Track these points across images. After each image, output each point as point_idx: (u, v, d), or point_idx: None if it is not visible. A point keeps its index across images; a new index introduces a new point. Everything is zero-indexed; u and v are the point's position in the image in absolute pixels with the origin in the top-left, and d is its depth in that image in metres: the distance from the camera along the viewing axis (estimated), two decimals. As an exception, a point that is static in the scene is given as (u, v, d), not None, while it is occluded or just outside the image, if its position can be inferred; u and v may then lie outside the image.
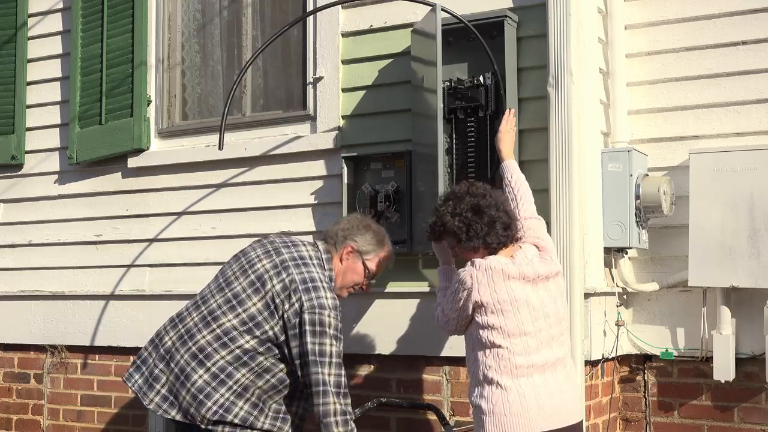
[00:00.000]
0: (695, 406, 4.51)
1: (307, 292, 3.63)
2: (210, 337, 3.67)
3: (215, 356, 3.65)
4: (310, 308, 3.60)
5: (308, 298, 3.62)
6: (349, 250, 3.85)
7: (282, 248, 3.78)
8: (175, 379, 3.68)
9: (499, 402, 3.31)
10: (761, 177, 4.26)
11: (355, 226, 3.88)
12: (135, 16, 5.48)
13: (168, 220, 5.36)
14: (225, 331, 3.67)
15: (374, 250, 3.90)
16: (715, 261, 4.31)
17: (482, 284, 3.34)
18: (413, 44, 4.51)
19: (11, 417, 5.90)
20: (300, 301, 3.61)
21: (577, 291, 4.10)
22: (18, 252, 5.92)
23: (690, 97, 4.57)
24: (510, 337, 3.33)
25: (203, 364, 3.65)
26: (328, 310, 3.62)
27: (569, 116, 4.18)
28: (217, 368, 3.64)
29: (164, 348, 3.76)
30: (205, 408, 3.61)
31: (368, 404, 4.08)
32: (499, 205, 3.47)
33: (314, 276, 3.69)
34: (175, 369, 3.69)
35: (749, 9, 4.46)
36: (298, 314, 3.61)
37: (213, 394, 3.63)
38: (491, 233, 3.41)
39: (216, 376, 3.63)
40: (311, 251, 3.80)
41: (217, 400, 3.63)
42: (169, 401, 3.68)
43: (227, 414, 3.63)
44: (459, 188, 3.54)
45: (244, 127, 5.21)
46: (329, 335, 3.60)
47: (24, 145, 5.91)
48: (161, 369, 3.73)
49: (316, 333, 3.59)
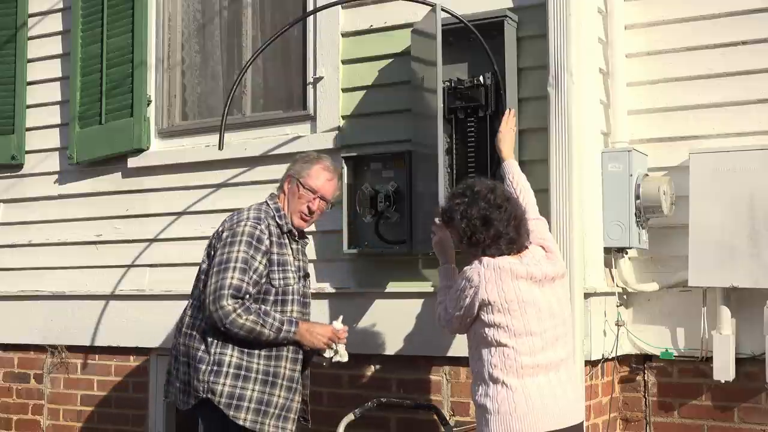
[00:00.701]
0: (695, 406, 4.50)
1: (229, 220, 3.84)
2: (191, 311, 3.86)
3: (196, 322, 3.80)
4: (228, 227, 3.79)
5: (229, 222, 3.83)
6: (288, 181, 3.96)
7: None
8: (186, 367, 3.80)
9: (505, 402, 3.30)
10: (761, 177, 4.26)
11: (293, 162, 4.02)
12: (135, 16, 5.48)
13: (168, 220, 5.37)
14: (195, 297, 3.85)
15: (305, 168, 3.95)
16: (715, 261, 4.31)
17: (490, 282, 3.33)
18: (413, 44, 4.51)
19: (11, 417, 5.90)
20: (222, 228, 3.82)
21: (577, 291, 4.10)
22: (18, 252, 5.92)
23: (690, 97, 4.56)
24: (516, 337, 3.33)
25: (191, 336, 3.80)
26: (244, 221, 3.78)
27: (569, 116, 4.18)
28: (199, 331, 3.77)
29: (174, 348, 3.93)
30: (201, 372, 3.70)
31: (368, 404, 4.07)
32: (511, 220, 3.40)
33: (242, 210, 3.89)
34: (182, 358, 3.83)
35: (749, 9, 4.46)
36: (219, 238, 3.79)
37: (204, 357, 3.72)
38: (493, 246, 3.39)
39: (201, 339, 3.75)
40: (252, 205, 3.96)
41: (208, 360, 3.71)
42: (186, 392, 3.80)
43: (221, 367, 3.70)
44: (479, 189, 3.45)
45: (244, 127, 5.21)
46: (238, 242, 3.72)
47: (24, 145, 5.91)
48: (174, 366, 3.89)
49: (226, 244, 3.74)
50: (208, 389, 3.68)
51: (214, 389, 3.68)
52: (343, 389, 4.58)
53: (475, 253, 3.43)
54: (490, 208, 3.39)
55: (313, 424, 4.41)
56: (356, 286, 4.73)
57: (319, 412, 4.33)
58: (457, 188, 3.56)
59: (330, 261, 4.78)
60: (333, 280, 4.76)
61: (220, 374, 3.69)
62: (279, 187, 4.00)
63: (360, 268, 4.72)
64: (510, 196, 3.52)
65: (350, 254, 4.68)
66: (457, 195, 3.49)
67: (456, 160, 4.41)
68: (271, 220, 3.84)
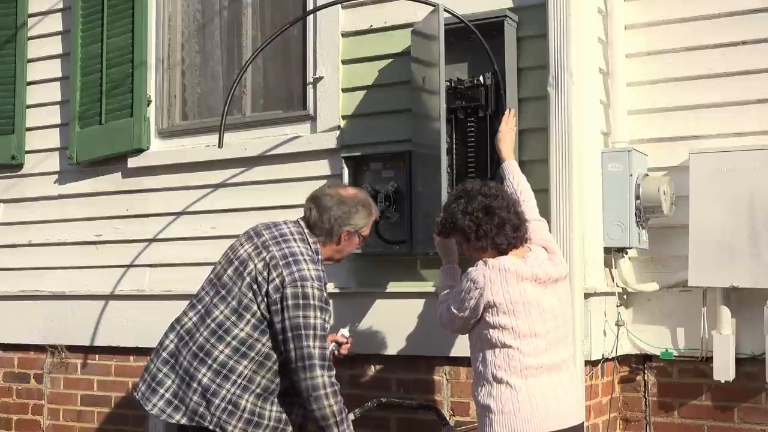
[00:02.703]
0: (695, 406, 4.50)
1: (287, 267, 3.59)
2: (206, 333, 3.64)
3: (214, 352, 3.61)
4: (291, 282, 3.56)
5: (289, 272, 3.58)
6: (346, 234, 3.80)
7: (263, 231, 3.76)
8: (180, 382, 3.65)
9: (509, 402, 3.30)
10: (761, 177, 4.26)
11: (344, 212, 3.77)
12: (135, 16, 5.48)
13: (168, 220, 5.37)
14: (219, 323, 3.63)
15: (367, 223, 3.86)
16: (715, 261, 4.31)
17: (495, 284, 3.33)
18: (413, 45, 4.51)
19: (11, 417, 5.90)
20: (281, 276, 3.58)
21: (577, 291, 4.10)
22: (18, 252, 5.92)
23: (690, 97, 4.56)
24: (521, 338, 3.33)
25: (204, 362, 3.62)
26: (310, 281, 3.58)
27: (569, 116, 4.18)
28: (218, 364, 3.61)
29: (167, 352, 3.72)
30: (214, 406, 3.58)
31: (368, 404, 4.08)
32: (510, 207, 3.46)
33: (294, 250, 3.66)
34: (180, 371, 3.66)
35: (749, 9, 4.46)
36: (279, 289, 3.57)
37: (219, 391, 3.59)
38: (500, 234, 3.40)
39: (218, 373, 3.60)
40: (292, 228, 3.77)
41: (225, 396, 3.59)
42: (173, 405, 3.64)
43: (236, 409, 3.60)
44: (472, 186, 3.52)
45: (244, 127, 5.21)
46: (312, 306, 3.56)
47: (24, 145, 5.91)
48: (165, 373, 3.69)
49: (299, 306, 3.56)
50: (218, 425, 3.59)
51: (225, 428, 3.59)
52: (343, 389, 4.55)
53: (484, 246, 3.42)
54: (488, 198, 3.44)
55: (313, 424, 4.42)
56: (356, 286, 4.73)
57: (319, 412, 4.32)
58: (450, 197, 3.60)
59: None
60: (333, 280, 4.75)
61: (233, 416, 3.60)
62: (328, 234, 3.75)
63: (360, 268, 4.72)
64: (501, 188, 3.58)
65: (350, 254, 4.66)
66: (452, 201, 3.52)
67: (456, 160, 4.41)
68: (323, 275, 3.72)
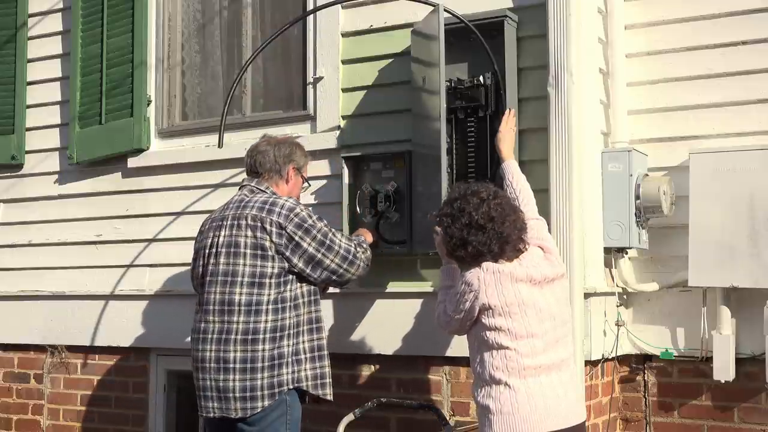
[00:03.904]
0: (695, 406, 4.50)
1: (270, 212, 3.85)
2: (242, 318, 3.80)
3: (260, 326, 3.79)
4: (286, 219, 3.85)
5: (277, 214, 3.85)
6: (292, 171, 4.07)
7: (224, 212, 3.96)
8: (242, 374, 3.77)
9: (508, 402, 3.30)
10: (761, 177, 4.26)
11: (286, 149, 4.08)
12: (135, 16, 5.48)
13: (168, 220, 5.37)
14: (247, 303, 3.81)
15: (306, 162, 4.18)
16: (715, 261, 4.31)
17: (490, 286, 3.33)
18: (413, 45, 4.51)
19: (11, 417, 5.90)
20: (273, 222, 3.83)
21: (577, 291, 4.10)
22: (18, 252, 5.92)
23: (690, 97, 4.56)
24: (518, 339, 3.32)
25: (256, 340, 3.78)
26: (297, 207, 3.88)
27: (569, 116, 4.18)
28: (270, 332, 3.79)
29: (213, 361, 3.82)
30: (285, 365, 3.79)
31: (368, 404, 4.07)
32: (493, 240, 3.33)
33: (262, 198, 3.92)
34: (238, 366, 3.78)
35: (749, 9, 4.46)
36: (282, 233, 3.82)
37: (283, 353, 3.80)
38: (474, 263, 3.38)
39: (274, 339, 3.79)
40: (239, 194, 4.01)
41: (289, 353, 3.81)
42: (248, 397, 3.77)
43: (299, 355, 3.83)
44: (465, 204, 3.39)
45: (244, 127, 5.21)
46: (314, 222, 3.88)
47: (24, 145, 5.91)
48: (224, 378, 3.79)
49: (307, 230, 3.86)
50: (294, 379, 3.80)
51: (300, 378, 3.81)
52: (343, 389, 4.57)
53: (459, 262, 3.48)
54: (470, 228, 3.35)
55: (313, 423, 4.42)
56: (356, 286, 4.72)
57: (319, 412, 4.32)
58: (451, 195, 3.52)
59: (330, 261, 4.78)
60: (333, 280, 4.76)
61: (302, 362, 3.83)
62: (277, 172, 4.04)
63: (360, 268, 4.72)
64: (497, 214, 3.37)
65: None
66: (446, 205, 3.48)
67: (456, 160, 4.41)
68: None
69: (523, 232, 3.43)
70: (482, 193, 3.42)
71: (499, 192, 3.50)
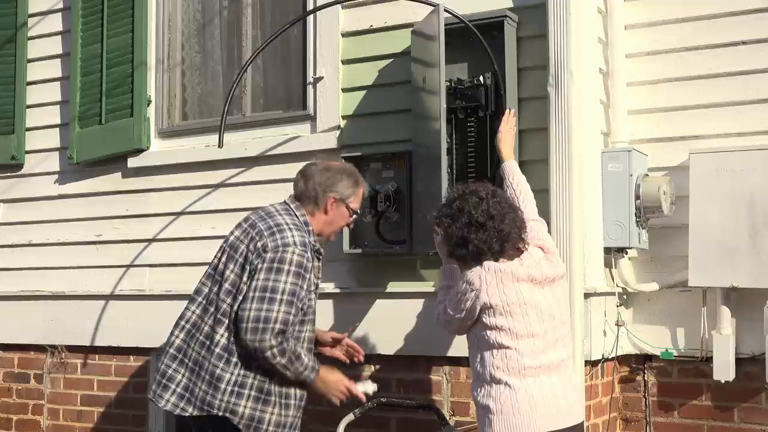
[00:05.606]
0: (695, 406, 4.50)
1: (271, 236, 3.66)
2: (211, 321, 3.69)
3: (216, 337, 3.66)
4: (273, 248, 3.62)
5: (272, 240, 3.64)
6: (332, 202, 3.83)
7: (251, 215, 3.83)
8: (191, 374, 3.70)
9: (508, 401, 3.30)
10: (761, 177, 4.26)
11: (328, 178, 3.85)
12: (135, 16, 5.48)
13: (168, 220, 5.37)
14: (217, 308, 3.69)
15: (354, 193, 3.89)
16: (715, 261, 4.31)
17: (491, 286, 3.33)
18: (413, 45, 4.51)
19: (11, 417, 5.90)
20: (264, 244, 3.64)
21: (577, 291, 4.10)
22: (18, 252, 5.92)
23: (690, 97, 4.56)
24: (518, 339, 3.32)
25: (210, 349, 3.67)
26: (292, 246, 3.62)
27: (569, 116, 4.18)
28: (220, 348, 3.65)
29: (174, 348, 3.78)
30: (221, 391, 3.62)
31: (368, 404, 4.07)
32: (493, 238, 3.34)
33: (279, 221, 3.72)
34: (189, 363, 3.72)
35: (749, 9, 4.46)
36: (261, 255, 3.63)
37: (224, 375, 3.63)
38: (475, 262, 3.38)
39: (221, 357, 3.64)
40: (278, 206, 3.83)
41: (230, 379, 3.62)
42: (185, 399, 3.69)
43: (243, 389, 3.64)
44: (464, 204, 3.40)
45: (244, 127, 5.21)
46: (286, 271, 3.59)
47: (24, 145, 5.91)
48: (174, 368, 3.74)
49: (272, 269, 3.59)
50: (227, 409, 3.62)
51: (235, 410, 3.62)
52: (343, 389, 4.57)
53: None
54: (470, 227, 3.36)
55: (313, 424, 4.42)
56: (356, 286, 4.73)
57: (319, 412, 4.33)
58: (450, 196, 3.53)
59: (330, 261, 4.76)
60: (333, 280, 4.76)
61: (242, 396, 3.63)
62: (314, 202, 3.81)
63: (360, 268, 4.72)
64: (497, 212, 3.39)
65: (351, 254, 4.68)
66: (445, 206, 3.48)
67: (456, 160, 4.41)
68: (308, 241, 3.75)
69: (523, 230, 3.44)
70: (481, 192, 3.43)
71: (497, 191, 3.51)
